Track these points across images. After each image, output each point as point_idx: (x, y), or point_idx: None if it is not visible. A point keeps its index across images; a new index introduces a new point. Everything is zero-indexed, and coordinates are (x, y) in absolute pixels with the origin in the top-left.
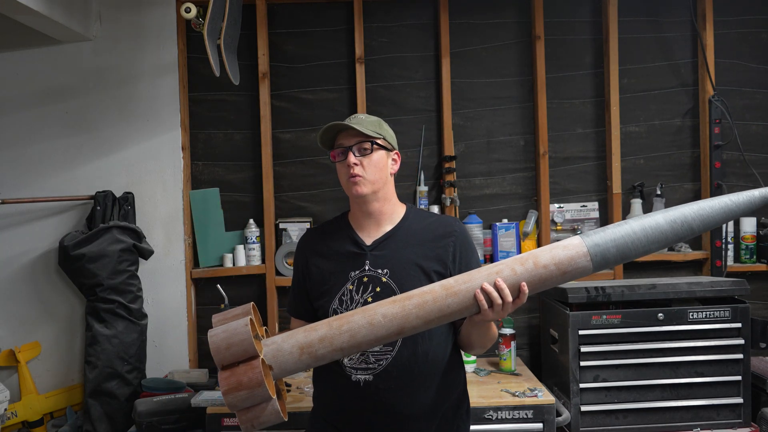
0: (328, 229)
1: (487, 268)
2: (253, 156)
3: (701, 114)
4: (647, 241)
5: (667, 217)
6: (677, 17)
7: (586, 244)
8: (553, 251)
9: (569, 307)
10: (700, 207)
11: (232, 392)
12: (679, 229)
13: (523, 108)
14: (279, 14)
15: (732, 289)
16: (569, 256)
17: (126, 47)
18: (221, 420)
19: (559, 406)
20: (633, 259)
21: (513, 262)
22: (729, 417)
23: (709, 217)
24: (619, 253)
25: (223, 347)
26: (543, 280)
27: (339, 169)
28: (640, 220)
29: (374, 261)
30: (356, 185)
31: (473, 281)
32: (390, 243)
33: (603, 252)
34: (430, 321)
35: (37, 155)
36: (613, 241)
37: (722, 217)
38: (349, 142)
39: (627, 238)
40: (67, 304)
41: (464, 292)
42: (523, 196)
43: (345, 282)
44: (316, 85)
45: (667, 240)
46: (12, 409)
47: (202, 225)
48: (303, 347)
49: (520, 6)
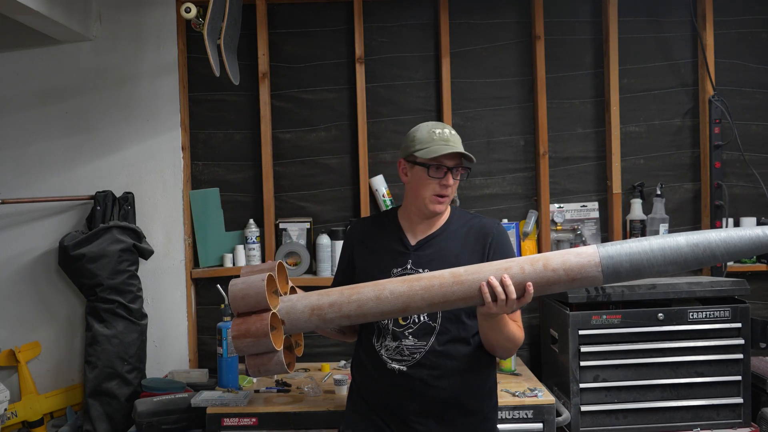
0: (377, 223)
1: (498, 263)
2: (253, 156)
3: (701, 114)
4: (664, 261)
5: (690, 240)
6: (677, 17)
7: (599, 254)
8: (565, 256)
9: (569, 307)
10: (728, 235)
11: (240, 338)
12: (701, 254)
13: (523, 108)
14: (279, 14)
15: (732, 289)
16: (580, 264)
17: (126, 47)
18: (221, 420)
19: (559, 406)
20: (647, 277)
21: (524, 261)
22: (729, 417)
23: (736, 247)
24: (633, 269)
25: (240, 297)
26: (550, 283)
27: (425, 180)
28: (661, 239)
29: (416, 260)
30: (440, 205)
31: (481, 273)
32: (433, 244)
33: (616, 265)
34: (434, 304)
35: (37, 155)
36: (627, 256)
37: (750, 250)
38: (450, 163)
39: (643, 254)
40: (67, 304)
41: (470, 282)
42: (523, 196)
43: (387, 278)
44: (316, 85)
45: (686, 263)
46: (12, 409)
47: (202, 225)
48: (314, 309)
49: (520, 6)
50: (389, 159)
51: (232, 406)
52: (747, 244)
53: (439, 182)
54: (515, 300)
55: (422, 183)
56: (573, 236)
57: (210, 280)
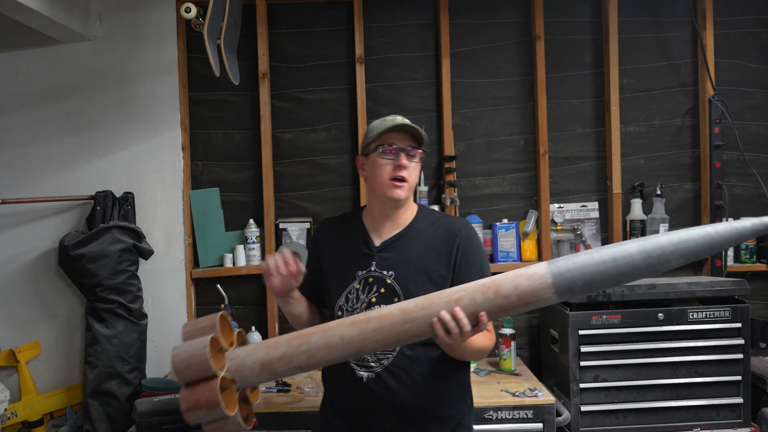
0: (343, 223)
1: (448, 293)
2: (253, 156)
3: (701, 114)
4: (618, 273)
5: (643, 248)
6: (677, 17)
7: (551, 274)
8: (517, 281)
9: (569, 307)
10: (681, 238)
11: (191, 411)
12: (655, 262)
13: (523, 108)
14: (279, 14)
15: (732, 289)
16: (533, 287)
17: (126, 47)
18: None
19: (559, 406)
20: (604, 289)
21: (475, 289)
22: (729, 417)
23: (689, 250)
24: (586, 285)
25: (183, 367)
26: (503, 310)
27: (380, 165)
28: (613, 249)
29: (380, 262)
30: (399, 189)
31: (432, 308)
32: (398, 245)
33: (569, 283)
34: (387, 344)
35: (37, 155)
36: (580, 272)
37: (705, 250)
38: (401, 143)
39: (595, 268)
40: (67, 304)
41: (422, 319)
42: (523, 196)
43: (352, 280)
44: (316, 85)
45: (640, 273)
46: (12, 409)
47: (202, 225)
48: (264, 364)
49: (520, 6)
50: None
51: None
52: (700, 245)
53: (393, 164)
54: (470, 330)
55: (377, 169)
56: (573, 236)
57: (210, 280)
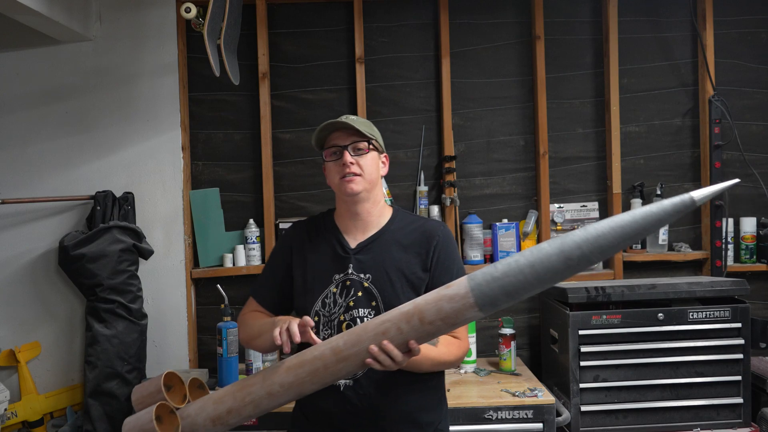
0: (315, 226)
1: (374, 325)
2: (253, 156)
3: (701, 114)
4: (538, 280)
5: (562, 250)
6: (677, 17)
7: (473, 295)
8: (439, 304)
9: (569, 307)
10: (598, 233)
11: None
12: (576, 263)
13: (523, 108)
14: (279, 14)
15: (732, 289)
16: (455, 309)
17: (126, 47)
18: None
19: (559, 406)
20: (527, 296)
21: (399, 319)
22: (729, 417)
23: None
24: (509, 296)
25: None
26: (431, 335)
27: (331, 168)
28: (532, 255)
29: (357, 265)
30: (351, 183)
31: (361, 344)
32: (374, 247)
33: (491, 299)
34: (326, 383)
35: (37, 155)
36: (500, 285)
37: (625, 241)
38: (344, 141)
39: (515, 279)
40: (67, 304)
41: (354, 356)
42: (523, 196)
43: (329, 284)
44: (316, 85)
45: (562, 275)
46: (12, 409)
47: (202, 225)
48: (214, 419)
49: (520, 6)
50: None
51: None
52: (619, 236)
53: (339, 164)
54: (404, 357)
55: (329, 173)
56: None
57: (210, 280)
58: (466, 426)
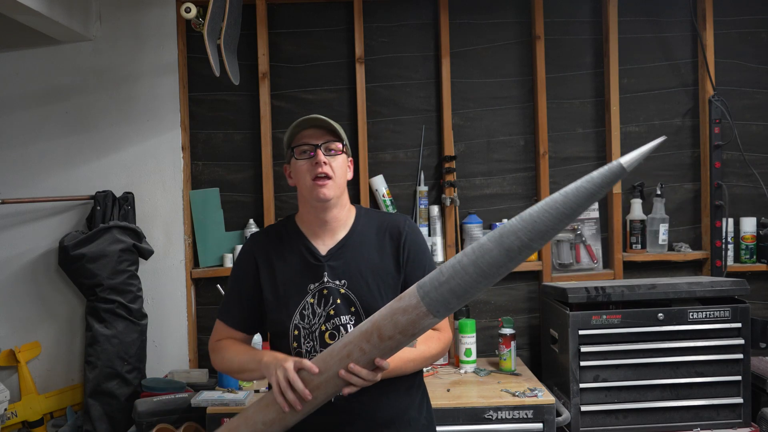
0: (278, 235)
1: (338, 349)
2: (253, 156)
3: (701, 114)
4: (483, 277)
5: (501, 244)
6: (677, 17)
7: (424, 303)
8: (394, 318)
9: (569, 307)
10: (533, 218)
11: None
12: (516, 254)
13: (523, 108)
14: (279, 14)
15: (732, 289)
16: (411, 320)
17: (126, 47)
18: (221, 420)
19: (559, 406)
20: (479, 293)
21: (360, 339)
22: (729, 417)
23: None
24: (460, 298)
25: None
26: (394, 349)
27: (301, 167)
28: (474, 253)
29: (331, 272)
30: (324, 188)
31: (329, 370)
32: (345, 251)
33: (443, 303)
34: (307, 413)
35: (37, 155)
36: (448, 289)
37: (561, 221)
38: (316, 140)
39: (461, 281)
40: (67, 304)
41: (325, 383)
42: (523, 196)
43: (304, 295)
44: (316, 85)
45: (507, 267)
46: (12, 409)
47: (202, 225)
48: None
49: (520, 6)
50: (389, 159)
51: (232, 406)
52: (555, 217)
53: (311, 162)
54: (375, 374)
55: (299, 172)
56: (573, 236)
57: (210, 280)
58: (466, 426)
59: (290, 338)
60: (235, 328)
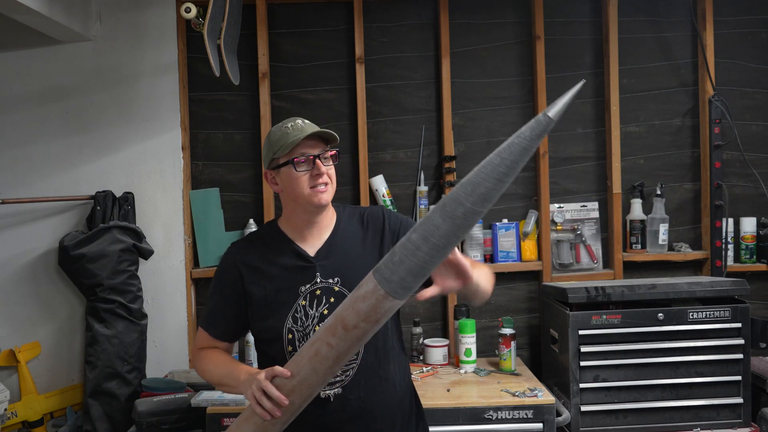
0: (262, 241)
1: (306, 349)
2: (253, 156)
3: (701, 114)
4: (437, 250)
5: (446, 214)
6: (677, 17)
7: (382, 286)
8: (356, 306)
9: (569, 307)
10: (472, 183)
11: None
12: (462, 222)
13: (523, 108)
14: (279, 14)
15: (732, 289)
16: (372, 305)
17: (126, 47)
18: (221, 420)
19: (559, 406)
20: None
21: (326, 335)
22: (729, 417)
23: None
24: (417, 276)
25: None
26: (362, 337)
27: (297, 176)
28: (422, 228)
29: (324, 272)
30: (324, 194)
31: (301, 372)
32: (333, 250)
33: (401, 284)
34: (288, 421)
35: (37, 155)
36: (405, 269)
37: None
38: (314, 150)
39: (415, 258)
40: (67, 304)
41: (299, 387)
42: (523, 196)
43: (296, 298)
44: (316, 85)
45: (457, 237)
46: (12, 409)
47: (202, 225)
48: None
49: (520, 6)
50: (389, 159)
51: (232, 406)
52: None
53: (311, 173)
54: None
55: (295, 182)
56: (573, 236)
57: (210, 280)
58: (466, 426)
59: (284, 342)
60: (218, 338)
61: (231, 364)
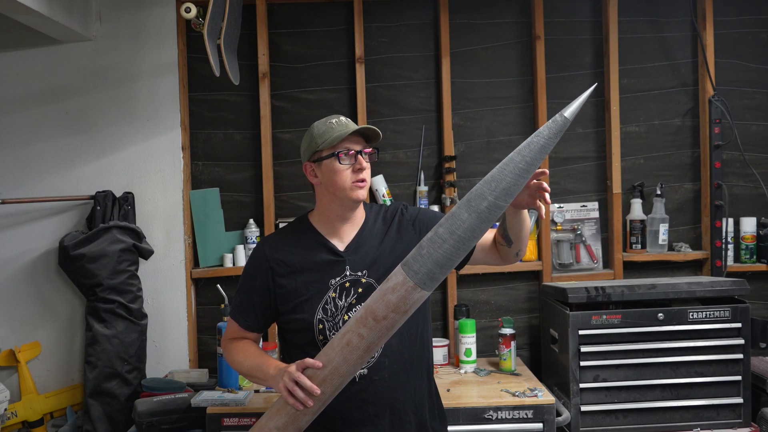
0: (293, 235)
1: (338, 340)
2: (253, 156)
3: (701, 114)
4: (462, 243)
5: (471, 208)
6: (677, 17)
7: (410, 278)
8: (385, 298)
9: (569, 307)
10: (496, 180)
11: None
12: (487, 215)
13: (523, 108)
14: (279, 14)
15: (732, 289)
16: (401, 297)
17: (126, 47)
18: (221, 420)
19: (559, 406)
20: (461, 260)
21: (357, 325)
22: (729, 417)
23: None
24: (443, 267)
25: None
26: (391, 328)
27: (340, 170)
28: (448, 223)
29: (354, 265)
30: (362, 190)
31: (331, 363)
32: (363, 244)
33: (429, 275)
34: (318, 411)
35: (37, 155)
36: (432, 261)
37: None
38: (358, 146)
39: (442, 250)
40: (67, 304)
41: (330, 377)
42: None
43: (326, 290)
44: (316, 85)
45: (481, 230)
46: (12, 409)
47: (202, 225)
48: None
49: (520, 6)
50: (389, 159)
51: (232, 406)
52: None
53: (353, 167)
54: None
55: (337, 175)
56: (573, 236)
57: (210, 280)
58: (466, 426)
59: (315, 332)
60: (247, 329)
61: (260, 357)
